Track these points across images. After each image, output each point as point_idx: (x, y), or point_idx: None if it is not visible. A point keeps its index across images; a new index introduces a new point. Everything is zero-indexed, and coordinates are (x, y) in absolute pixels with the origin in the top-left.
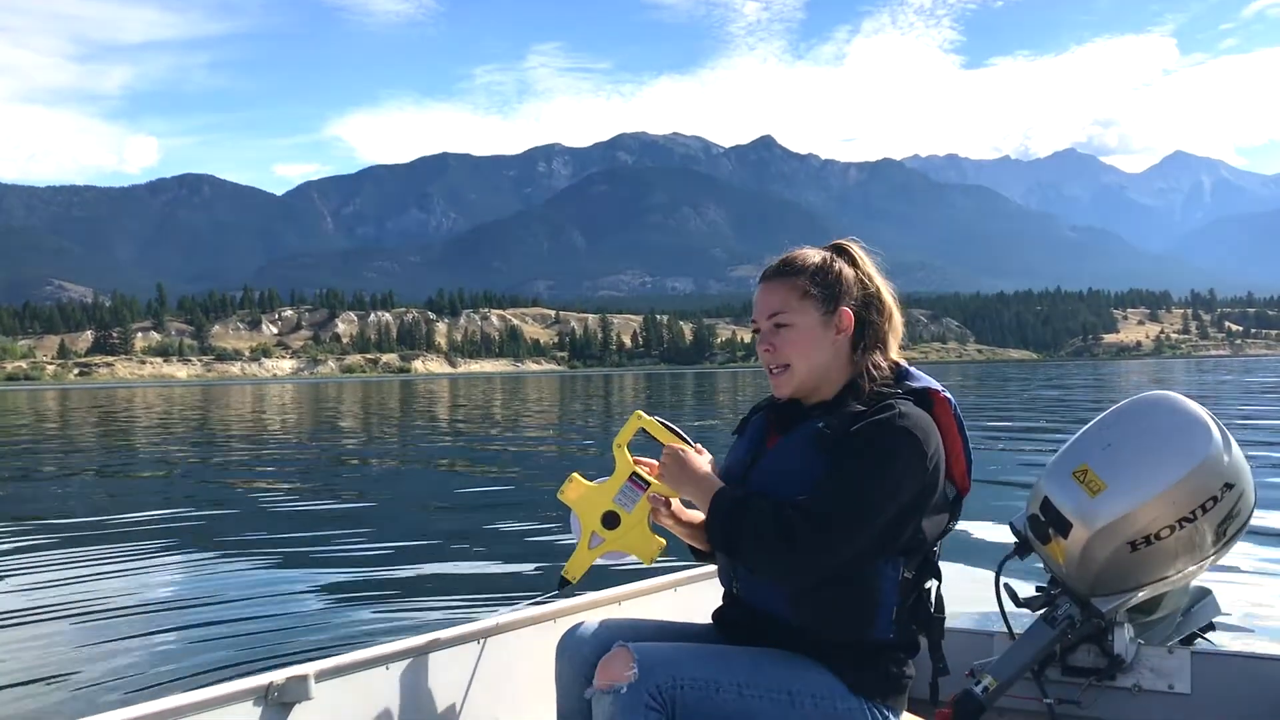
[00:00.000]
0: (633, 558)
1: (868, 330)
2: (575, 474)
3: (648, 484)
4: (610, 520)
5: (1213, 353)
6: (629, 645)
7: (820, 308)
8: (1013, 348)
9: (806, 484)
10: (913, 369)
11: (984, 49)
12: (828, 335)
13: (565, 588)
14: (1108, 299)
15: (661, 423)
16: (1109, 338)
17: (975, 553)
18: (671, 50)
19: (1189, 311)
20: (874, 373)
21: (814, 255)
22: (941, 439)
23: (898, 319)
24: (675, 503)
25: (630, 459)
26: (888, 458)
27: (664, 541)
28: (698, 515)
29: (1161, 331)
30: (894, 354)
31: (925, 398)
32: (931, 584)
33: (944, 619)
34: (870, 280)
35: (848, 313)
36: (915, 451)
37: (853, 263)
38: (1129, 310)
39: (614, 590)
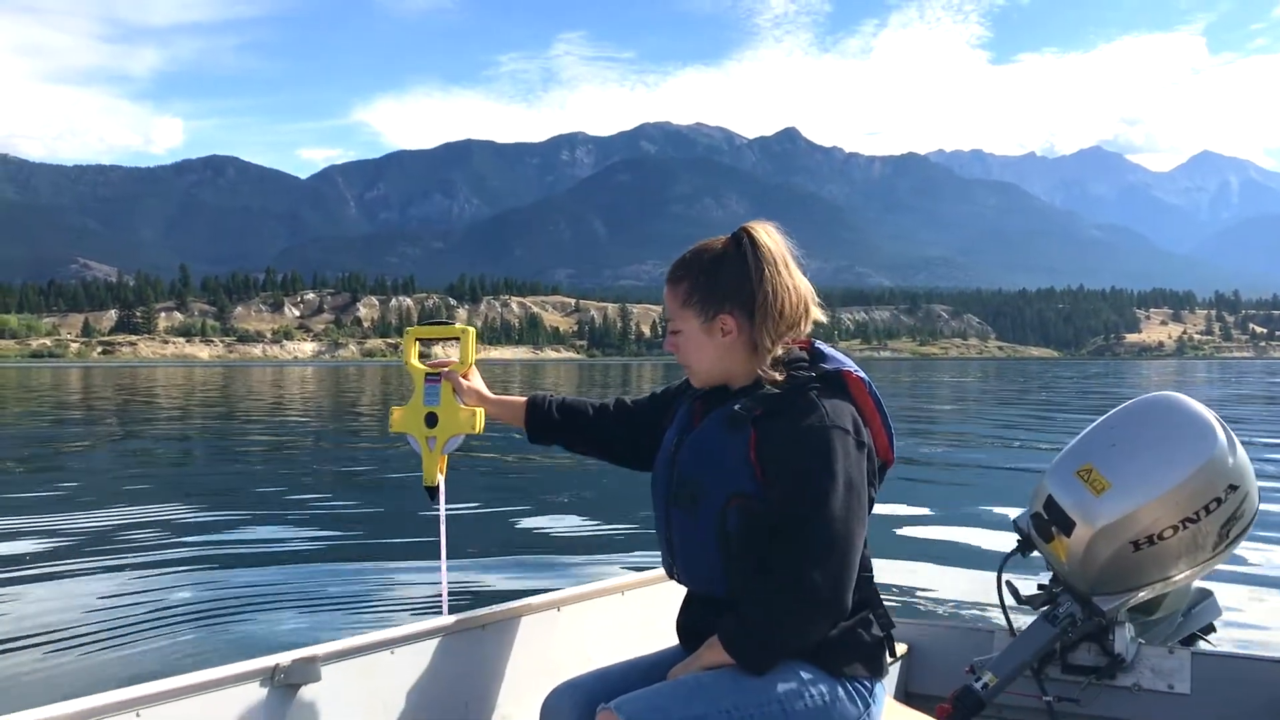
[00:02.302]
0: (466, 435)
1: (755, 331)
2: (392, 406)
3: (438, 374)
4: (431, 420)
5: (1235, 354)
6: (611, 707)
7: (699, 315)
8: (1034, 345)
9: (724, 463)
10: (827, 349)
11: (1011, 45)
12: (713, 340)
13: (434, 494)
14: (1130, 298)
15: (429, 324)
16: (1131, 337)
17: (977, 551)
18: (697, 41)
19: (1212, 313)
20: (771, 373)
21: (706, 253)
22: (861, 416)
23: (793, 312)
24: (472, 382)
25: (421, 365)
26: (834, 462)
27: (479, 409)
28: (489, 394)
29: (1184, 332)
30: (805, 332)
31: (839, 379)
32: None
33: (871, 576)
34: (760, 276)
35: (728, 319)
36: (852, 445)
37: (747, 255)
38: (1152, 310)
39: (595, 586)
